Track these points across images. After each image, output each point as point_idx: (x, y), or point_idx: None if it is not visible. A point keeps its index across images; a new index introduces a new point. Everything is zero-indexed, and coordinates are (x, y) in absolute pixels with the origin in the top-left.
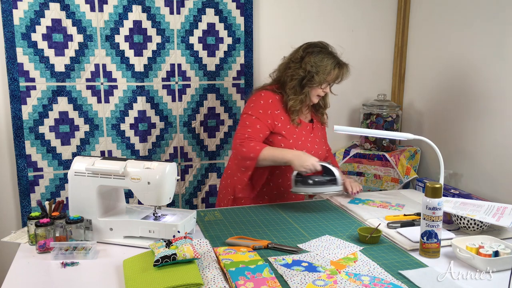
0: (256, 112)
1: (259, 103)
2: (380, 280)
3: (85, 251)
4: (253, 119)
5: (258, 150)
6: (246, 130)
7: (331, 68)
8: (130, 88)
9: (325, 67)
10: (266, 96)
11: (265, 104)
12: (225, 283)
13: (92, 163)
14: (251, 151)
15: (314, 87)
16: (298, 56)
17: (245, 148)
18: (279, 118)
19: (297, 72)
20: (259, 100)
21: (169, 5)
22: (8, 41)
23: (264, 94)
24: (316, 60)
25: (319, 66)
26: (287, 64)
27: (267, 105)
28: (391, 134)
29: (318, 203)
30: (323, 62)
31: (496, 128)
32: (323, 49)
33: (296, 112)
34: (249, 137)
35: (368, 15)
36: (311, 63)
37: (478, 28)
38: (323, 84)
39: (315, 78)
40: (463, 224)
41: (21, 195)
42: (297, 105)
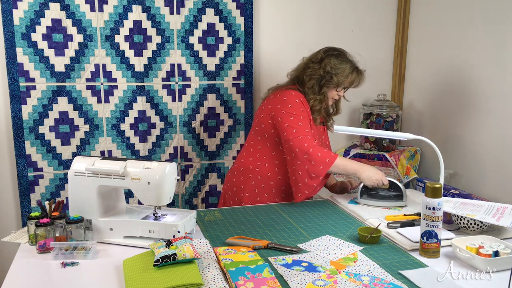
0: (299, 111)
1: (295, 102)
2: (380, 280)
3: (85, 251)
4: (302, 119)
5: (333, 157)
6: (305, 131)
7: (349, 71)
8: (130, 88)
9: (343, 69)
10: (297, 96)
11: (300, 103)
12: (225, 283)
13: (92, 163)
14: (326, 157)
15: (331, 88)
16: (318, 57)
17: (319, 153)
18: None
19: (316, 72)
20: (294, 99)
21: (169, 5)
22: (8, 41)
23: (294, 93)
24: (336, 63)
25: (338, 68)
26: (306, 64)
27: (302, 104)
28: (391, 134)
29: (318, 203)
30: (342, 65)
31: (496, 128)
32: (343, 54)
33: (317, 112)
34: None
35: (368, 15)
36: (331, 65)
37: (478, 28)
38: (340, 86)
39: (333, 79)
40: (463, 224)
41: (21, 195)
42: (317, 105)
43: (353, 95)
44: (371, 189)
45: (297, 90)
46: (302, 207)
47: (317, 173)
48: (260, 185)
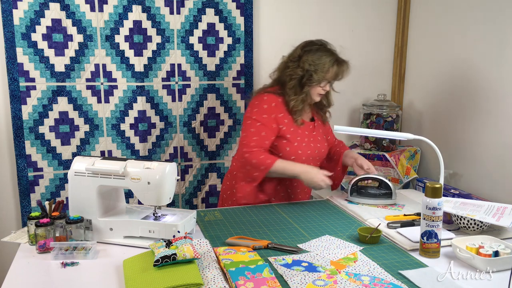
0: (260, 117)
1: (263, 107)
2: (380, 280)
3: (85, 251)
4: (258, 125)
5: (269, 163)
6: (252, 138)
7: (329, 66)
8: (130, 88)
9: (323, 65)
10: (269, 99)
11: (268, 108)
12: (225, 283)
13: (92, 163)
14: (261, 164)
15: (313, 86)
16: (296, 55)
17: (254, 159)
18: (283, 121)
19: (295, 72)
20: (262, 104)
21: (169, 5)
22: (8, 41)
23: (266, 98)
24: (314, 58)
25: (317, 64)
26: (286, 64)
27: (270, 109)
28: (391, 134)
29: (318, 203)
30: (321, 60)
31: (496, 128)
32: (321, 47)
33: (299, 113)
34: (256, 145)
35: (368, 15)
36: (309, 62)
37: (478, 28)
38: (323, 82)
39: (313, 77)
40: (463, 224)
41: (21, 195)
42: (299, 105)
43: (353, 95)
44: (361, 187)
45: (274, 93)
46: (302, 207)
47: (253, 178)
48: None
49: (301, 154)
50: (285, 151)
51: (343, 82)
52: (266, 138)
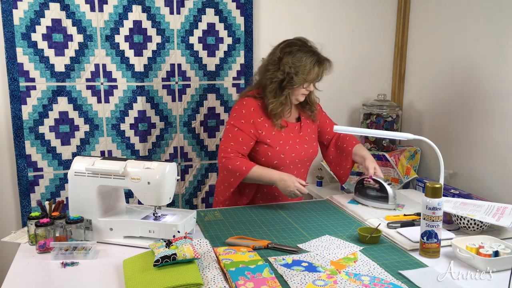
0: (238, 122)
1: (241, 112)
2: (380, 280)
3: (85, 251)
4: (236, 130)
5: (245, 170)
6: (229, 144)
7: (310, 67)
8: (130, 88)
9: (304, 66)
10: (248, 104)
11: (247, 113)
12: (225, 283)
13: (92, 163)
14: (237, 170)
15: (295, 88)
16: (275, 58)
17: (230, 165)
18: (263, 126)
19: (275, 75)
20: (241, 109)
21: (169, 5)
22: (8, 41)
23: (246, 102)
24: (294, 61)
25: (298, 66)
26: (266, 67)
27: (249, 114)
28: (391, 134)
29: (318, 203)
30: (302, 61)
31: (496, 128)
32: (302, 47)
33: (278, 115)
34: (233, 151)
35: (368, 15)
36: (289, 64)
37: (478, 28)
38: (305, 84)
39: (294, 80)
40: (463, 224)
41: (21, 195)
42: (277, 108)
43: (353, 95)
44: (362, 187)
45: (254, 97)
46: (302, 207)
47: (229, 183)
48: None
49: (284, 158)
50: (267, 156)
51: (343, 82)
52: (243, 144)
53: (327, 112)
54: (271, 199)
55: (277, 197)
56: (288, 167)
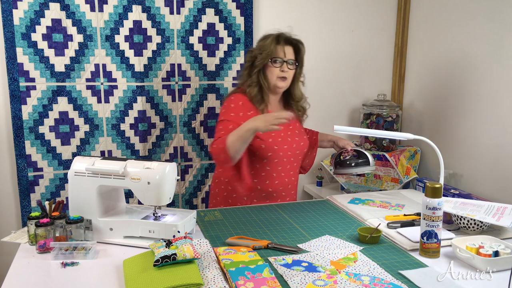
0: (228, 116)
1: (230, 107)
2: (380, 280)
3: (85, 251)
4: (225, 122)
5: (223, 139)
6: (220, 133)
7: (271, 41)
8: (130, 88)
9: (266, 44)
10: (236, 99)
11: (235, 107)
12: (225, 283)
13: (92, 163)
14: (219, 144)
15: (266, 68)
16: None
17: (214, 144)
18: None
19: (248, 60)
20: (230, 104)
21: (169, 5)
22: (8, 41)
23: (234, 98)
24: (258, 45)
25: (262, 46)
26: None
27: (238, 108)
28: (391, 134)
29: (318, 203)
30: (266, 41)
31: (496, 128)
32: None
33: (259, 100)
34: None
35: (368, 15)
36: (257, 47)
37: (478, 28)
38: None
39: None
40: (463, 224)
41: (21, 195)
42: (254, 91)
43: (353, 95)
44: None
45: (241, 93)
46: (302, 207)
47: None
48: (232, 195)
49: (277, 150)
50: (261, 149)
51: (343, 82)
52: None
53: (327, 112)
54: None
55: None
56: (282, 159)
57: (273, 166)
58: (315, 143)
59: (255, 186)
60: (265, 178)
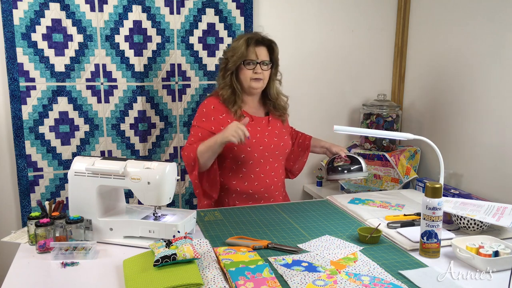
0: (199, 121)
1: (202, 111)
2: (380, 280)
3: (85, 251)
4: (196, 128)
5: (194, 147)
6: (190, 140)
7: (243, 43)
8: (130, 88)
9: (239, 47)
10: (208, 103)
11: (207, 111)
12: (225, 283)
13: (92, 163)
14: (189, 152)
15: (240, 71)
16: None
17: (185, 151)
18: (226, 122)
19: (221, 63)
20: (202, 108)
21: (169, 5)
22: (8, 41)
23: (206, 102)
24: (232, 44)
25: (234, 48)
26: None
27: (209, 112)
28: (391, 134)
29: (318, 203)
30: (237, 43)
31: (496, 128)
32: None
33: (231, 101)
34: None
35: (368, 15)
36: (230, 49)
37: (478, 29)
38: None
39: (232, 60)
40: (463, 224)
41: (21, 195)
42: (226, 92)
43: (353, 95)
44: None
45: (215, 96)
46: (302, 207)
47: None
48: (224, 199)
49: (251, 151)
50: (234, 151)
51: (343, 82)
52: (203, 139)
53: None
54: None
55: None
56: (258, 160)
57: (250, 168)
58: (306, 148)
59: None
60: (243, 179)
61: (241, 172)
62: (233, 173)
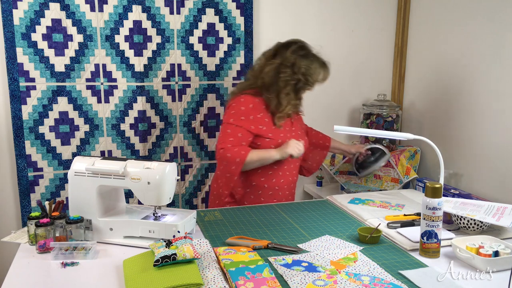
0: (238, 119)
1: (240, 109)
2: (380, 280)
3: (85, 251)
4: (235, 127)
5: (244, 154)
6: (228, 139)
7: (320, 69)
8: (130, 88)
9: (315, 69)
10: (246, 101)
11: (246, 109)
12: (225, 283)
13: (92, 163)
14: (236, 156)
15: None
16: (289, 61)
17: (229, 153)
18: (263, 121)
19: (292, 77)
20: (240, 106)
21: (169, 5)
22: (8, 41)
23: (244, 100)
24: (307, 63)
25: (310, 68)
26: (277, 69)
27: (248, 111)
28: (391, 134)
29: (318, 203)
30: (313, 64)
31: (496, 128)
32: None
33: (286, 116)
34: (232, 144)
35: (368, 15)
36: (305, 67)
37: (478, 28)
38: (314, 86)
39: (309, 81)
40: (463, 224)
41: (21, 195)
42: (291, 109)
43: (353, 95)
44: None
45: (252, 94)
46: (302, 207)
47: (231, 173)
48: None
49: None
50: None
51: (343, 82)
52: (242, 139)
53: (327, 112)
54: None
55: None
56: (287, 159)
57: (278, 165)
58: (326, 148)
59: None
60: (272, 176)
61: (271, 169)
62: (263, 170)
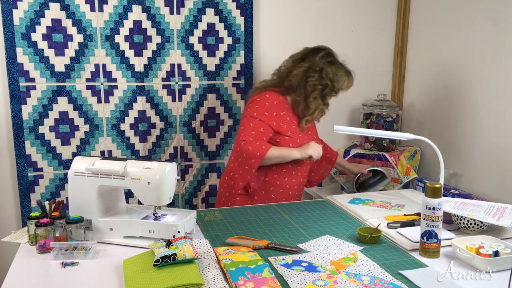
0: (261, 114)
1: (265, 105)
2: (380, 280)
3: (85, 251)
4: (257, 121)
5: (265, 149)
6: (250, 133)
7: (346, 77)
8: (130, 88)
9: (341, 76)
10: (271, 98)
11: (270, 105)
12: (225, 283)
13: (92, 163)
14: (257, 150)
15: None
16: (317, 67)
17: (250, 146)
18: (285, 119)
19: (320, 82)
20: (264, 101)
21: (169, 5)
22: (8, 41)
23: (269, 96)
24: (334, 70)
25: (337, 75)
26: (306, 72)
27: (272, 107)
28: (391, 134)
29: (318, 203)
30: (339, 71)
31: (496, 128)
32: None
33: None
34: (253, 138)
35: (368, 15)
36: (332, 73)
37: (478, 29)
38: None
39: (335, 87)
40: (463, 224)
41: (21, 195)
42: (319, 114)
43: (353, 95)
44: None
45: (277, 92)
46: (302, 207)
47: (250, 166)
48: (270, 195)
49: None
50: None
51: None
52: (264, 134)
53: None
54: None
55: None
56: (303, 160)
57: (295, 165)
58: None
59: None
60: (285, 175)
61: (285, 167)
62: (277, 168)
